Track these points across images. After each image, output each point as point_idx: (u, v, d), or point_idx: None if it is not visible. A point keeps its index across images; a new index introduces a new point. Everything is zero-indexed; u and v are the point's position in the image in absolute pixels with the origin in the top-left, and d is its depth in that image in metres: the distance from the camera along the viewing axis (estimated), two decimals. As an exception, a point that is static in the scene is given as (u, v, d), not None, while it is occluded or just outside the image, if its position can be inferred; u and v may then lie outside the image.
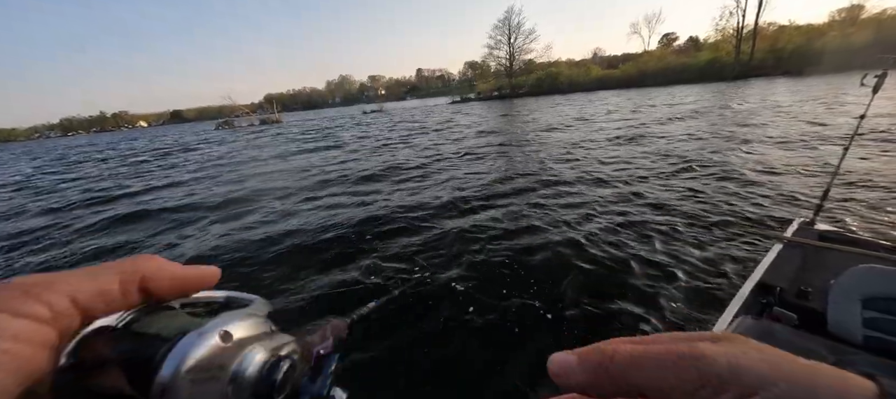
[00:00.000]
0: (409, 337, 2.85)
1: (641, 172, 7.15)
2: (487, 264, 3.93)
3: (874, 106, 2.66)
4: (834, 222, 3.93)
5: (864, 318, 1.36)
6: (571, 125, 15.65)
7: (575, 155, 9.31)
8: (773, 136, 9.35)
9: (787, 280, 1.85)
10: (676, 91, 30.74)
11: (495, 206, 5.83)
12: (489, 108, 35.73)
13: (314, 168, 10.84)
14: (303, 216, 6.10)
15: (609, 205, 5.47)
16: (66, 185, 12.49)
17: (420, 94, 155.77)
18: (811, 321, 1.50)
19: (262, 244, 5.01)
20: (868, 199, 4.73)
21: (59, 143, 69.14)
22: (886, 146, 7.04)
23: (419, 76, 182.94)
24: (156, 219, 6.98)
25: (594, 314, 2.97)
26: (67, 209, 8.62)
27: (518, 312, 3.05)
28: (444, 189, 7.04)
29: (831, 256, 2.01)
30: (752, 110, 14.60)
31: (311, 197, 7.36)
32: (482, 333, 2.87)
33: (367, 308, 0.42)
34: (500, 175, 7.83)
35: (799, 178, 5.94)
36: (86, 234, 6.52)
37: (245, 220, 6.21)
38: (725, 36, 47.16)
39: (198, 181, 10.61)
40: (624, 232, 4.47)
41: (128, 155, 22.44)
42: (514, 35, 59.01)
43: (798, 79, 30.06)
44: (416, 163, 9.94)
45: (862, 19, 39.43)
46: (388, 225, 5.25)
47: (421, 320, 3.04)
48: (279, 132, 29.72)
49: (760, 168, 6.64)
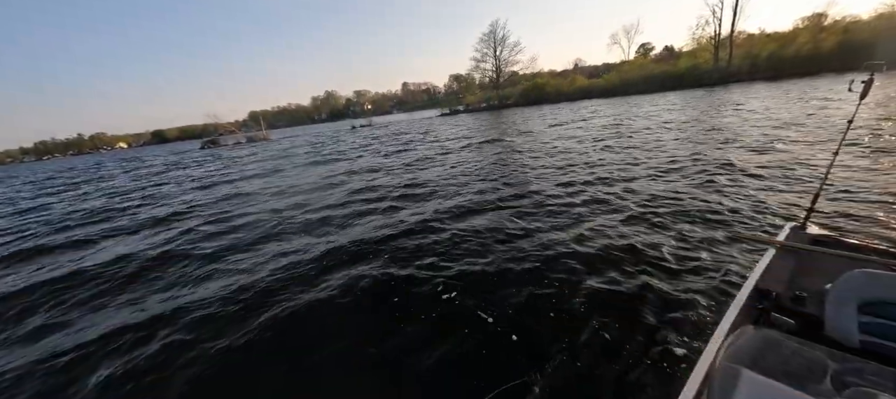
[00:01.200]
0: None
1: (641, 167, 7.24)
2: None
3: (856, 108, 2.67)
4: (825, 226, 3.98)
5: (861, 323, 1.36)
6: (579, 126, 15.80)
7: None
8: (760, 138, 9.57)
9: (781, 285, 1.85)
10: (659, 98, 31.54)
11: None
12: (483, 118, 35.93)
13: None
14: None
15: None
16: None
17: (407, 108, 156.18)
18: (808, 326, 1.50)
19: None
20: (858, 203, 4.81)
21: (34, 167, 66.58)
22: (873, 148, 7.21)
23: (405, 90, 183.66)
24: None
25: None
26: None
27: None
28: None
29: (824, 261, 2.02)
30: (737, 113, 15.02)
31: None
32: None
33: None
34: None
35: (789, 181, 6.03)
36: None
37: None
38: (701, 44, 48.82)
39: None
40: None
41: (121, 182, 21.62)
42: (500, 47, 60.02)
43: (774, 83, 31.17)
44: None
45: (825, 26, 41.35)
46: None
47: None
48: (285, 151, 25.38)
49: (751, 170, 6.80)
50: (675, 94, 33.49)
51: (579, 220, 5.29)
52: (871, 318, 1.36)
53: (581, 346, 2.78)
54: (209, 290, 4.41)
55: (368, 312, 3.65)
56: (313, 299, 3.89)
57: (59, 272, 5.67)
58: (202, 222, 7.67)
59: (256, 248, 5.71)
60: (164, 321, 3.86)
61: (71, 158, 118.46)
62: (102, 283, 5.10)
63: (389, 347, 3.02)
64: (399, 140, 22.72)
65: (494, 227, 5.38)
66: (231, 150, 37.39)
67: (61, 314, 4.33)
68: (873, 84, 2.39)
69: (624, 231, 4.75)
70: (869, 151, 7.02)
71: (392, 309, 3.58)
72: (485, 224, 5.55)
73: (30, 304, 4.71)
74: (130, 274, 5.31)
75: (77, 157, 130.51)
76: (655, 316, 2.99)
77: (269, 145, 36.22)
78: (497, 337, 3.01)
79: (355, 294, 3.92)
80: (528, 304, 3.38)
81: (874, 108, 11.06)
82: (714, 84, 38.79)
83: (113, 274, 5.35)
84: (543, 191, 7.09)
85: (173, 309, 4.06)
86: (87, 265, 5.81)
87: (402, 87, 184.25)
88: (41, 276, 5.63)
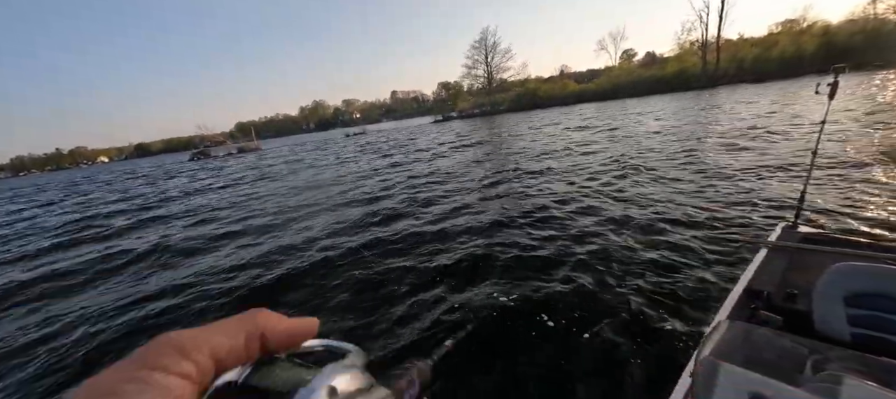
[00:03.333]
0: (492, 378, 2.61)
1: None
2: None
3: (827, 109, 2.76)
4: (815, 225, 4.10)
5: (849, 316, 1.37)
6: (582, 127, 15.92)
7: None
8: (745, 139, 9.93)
9: (773, 284, 1.87)
10: (652, 101, 32.16)
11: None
12: (477, 124, 35.99)
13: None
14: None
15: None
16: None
17: (396, 116, 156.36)
18: (798, 323, 1.50)
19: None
20: (841, 198, 4.94)
21: (11, 184, 63.99)
22: (848, 146, 7.68)
23: (394, 98, 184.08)
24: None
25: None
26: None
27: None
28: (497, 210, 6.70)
29: (815, 258, 2.05)
30: (731, 115, 15.47)
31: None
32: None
33: (445, 347, 0.43)
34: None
35: (779, 179, 6.22)
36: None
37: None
38: (685, 49, 50.31)
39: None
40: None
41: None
42: (491, 54, 60.69)
43: (759, 85, 32.20)
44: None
45: (804, 29, 43.23)
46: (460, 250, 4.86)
47: (500, 357, 2.78)
48: (297, 162, 22.50)
49: (741, 169, 7.06)
50: (667, 97, 34.26)
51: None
52: (858, 310, 1.36)
53: (577, 347, 2.77)
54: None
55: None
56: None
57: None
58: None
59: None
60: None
61: (49, 174, 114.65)
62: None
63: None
64: (420, 152, 18.12)
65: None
66: (223, 160, 36.64)
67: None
68: (839, 85, 2.50)
69: (613, 236, 4.72)
70: (845, 148, 7.46)
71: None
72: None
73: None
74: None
75: (55, 172, 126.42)
76: (653, 318, 2.97)
77: (264, 154, 35.63)
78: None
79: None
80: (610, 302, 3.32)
81: (844, 111, 11.89)
82: (702, 87, 39.86)
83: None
84: (551, 189, 7.10)
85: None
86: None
87: (391, 96, 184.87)
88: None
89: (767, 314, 1.63)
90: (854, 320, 1.36)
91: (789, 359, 1.14)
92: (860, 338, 1.33)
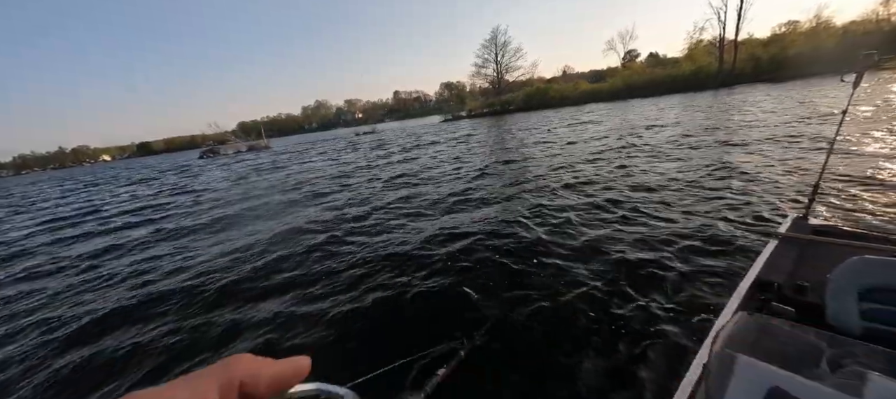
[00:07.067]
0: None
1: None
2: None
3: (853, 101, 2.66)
4: (826, 216, 4.07)
5: (862, 310, 1.34)
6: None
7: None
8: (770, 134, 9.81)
9: (783, 275, 1.85)
10: (664, 100, 31.57)
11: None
12: (489, 125, 35.37)
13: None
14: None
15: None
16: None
17: (399, 116, 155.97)
18: (809, 315, 1.47)
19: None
20: (856, 191, 4.83)
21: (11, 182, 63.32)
22: (868, 139, 7.54)
23: (397, 98, 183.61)
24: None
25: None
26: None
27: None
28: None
29: (826, 250, 2.02)
30: (748, 113, 15.07)
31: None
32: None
33: (437, 376, 0.39)
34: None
35: (789, 173, 6.18)
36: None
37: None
38: (697, 49, 49.77)
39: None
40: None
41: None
42: (501, 53, 60.20)
43: (778, 84, 31.69)
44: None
45: (823, 27, 42.96)
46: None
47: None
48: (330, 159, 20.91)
49: (754, 166, 6.90)
50: (687, 96, 33.72)
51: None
52: (872, 304, 1.32)
53: (583, 339, 2.76)
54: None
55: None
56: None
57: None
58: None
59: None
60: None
61: (51, 172, 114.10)
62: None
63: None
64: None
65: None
66: (232, 158, 36.19)
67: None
68: (863, 75, 2.38)
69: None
70: (864, 140, 7.36)
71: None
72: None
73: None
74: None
75: (58, 171, 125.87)
76: (660, 308, 2.96)
77: (272, 154, 35.14)
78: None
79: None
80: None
81: (866, 102, 11.79)
82: (718, 86, 39.32)
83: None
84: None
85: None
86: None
87: (394, 96, 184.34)
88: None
89: (780, 306, 1.59)
90: (866, 314, 1.32)
91: (805, 352, 1.10)
92: (872, 332, 1.29)
